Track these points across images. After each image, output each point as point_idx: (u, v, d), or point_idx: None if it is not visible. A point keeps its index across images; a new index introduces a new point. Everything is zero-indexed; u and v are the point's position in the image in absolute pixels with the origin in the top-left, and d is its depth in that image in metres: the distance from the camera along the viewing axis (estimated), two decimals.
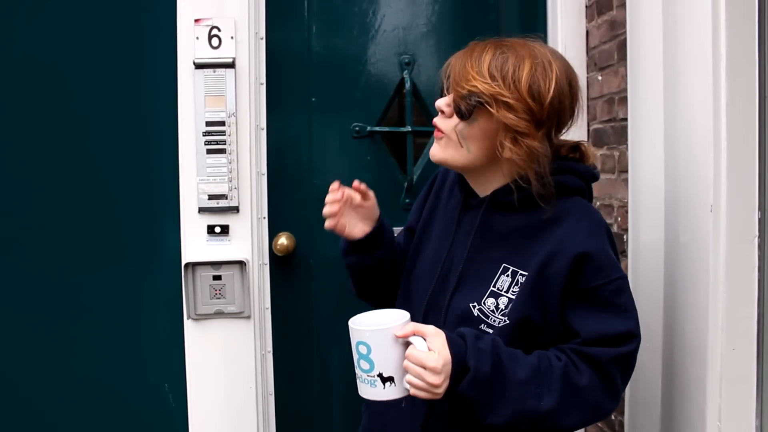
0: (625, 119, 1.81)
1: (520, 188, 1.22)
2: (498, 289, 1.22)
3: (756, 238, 1.39)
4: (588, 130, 2.09)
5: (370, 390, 1.16)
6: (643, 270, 1.70)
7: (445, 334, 1.14)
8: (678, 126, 1.53)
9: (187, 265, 1.97)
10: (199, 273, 1.98)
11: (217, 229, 1.98)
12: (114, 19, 2.00)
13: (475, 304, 1.23)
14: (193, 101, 1.96)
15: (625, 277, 1.22)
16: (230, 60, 1.95)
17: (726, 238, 1.38)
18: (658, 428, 1.61)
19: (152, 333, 2.06)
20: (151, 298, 2.05)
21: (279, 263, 2.14)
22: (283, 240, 2.10)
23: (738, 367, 1.40)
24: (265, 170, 2.05)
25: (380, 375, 1.14)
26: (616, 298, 1.19)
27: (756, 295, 1.40)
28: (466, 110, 1.19)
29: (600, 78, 2.00)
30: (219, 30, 1.95)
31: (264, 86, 2.04)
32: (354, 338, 1.16)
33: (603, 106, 1.99)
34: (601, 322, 1.18)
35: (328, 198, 1.31)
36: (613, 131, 1.92)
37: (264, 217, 2.06)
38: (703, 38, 1.41)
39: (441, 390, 1.11)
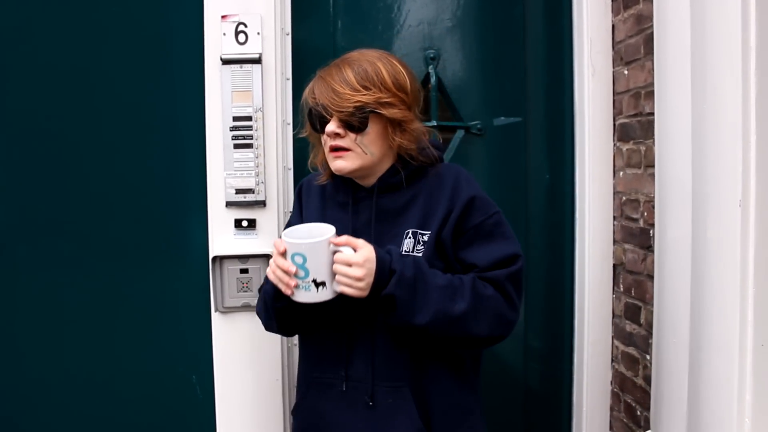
0: (652, 114, 1.80)
1: (405, 165, 1.44)
2: (406, 251, 1.41)
3: None
4: (614, 125, 2.08)
5: (305, 294, 1.31)
6: (670, 265, 1.69)
7: (374, 246, 1.32)
8: (706, 120, 1.52)
9: (214, 258, 1.99)
10: (226, 266, 2.01)
11: (244, 223, 2.01)
12: (141, 16, 2.03)
13: None
14: (220, 97, 1.98)
15: (500, 211, 1.45)
16: (257, 56, 1.97)
17: (755, 234, 1.37)
18: (684, 423, 1.61)
19: (180, 326, 2.09)
20: (179, 292, 2.08)
21: None
22: None
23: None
24: (291, 165, 2.07)
25: (314, 281, 1.30)
26: (497, 228, 1.42)
27: None
28: (359, 123, 1.38)
29: (626, 72, 1.99)
30: (245, 26, 1.97)
31: (290, 81, 2.06)
32: (290, 250, 1.30)
33: (629, 101, 1.97)
34: (490, 250, 1.40)
35: (283, 277, 1.33)
36: (640, 126, 1.91)
37: (290, 212, 2.07)
38: (732, 30, 1.39)
39: (364, 284, 1.28)
